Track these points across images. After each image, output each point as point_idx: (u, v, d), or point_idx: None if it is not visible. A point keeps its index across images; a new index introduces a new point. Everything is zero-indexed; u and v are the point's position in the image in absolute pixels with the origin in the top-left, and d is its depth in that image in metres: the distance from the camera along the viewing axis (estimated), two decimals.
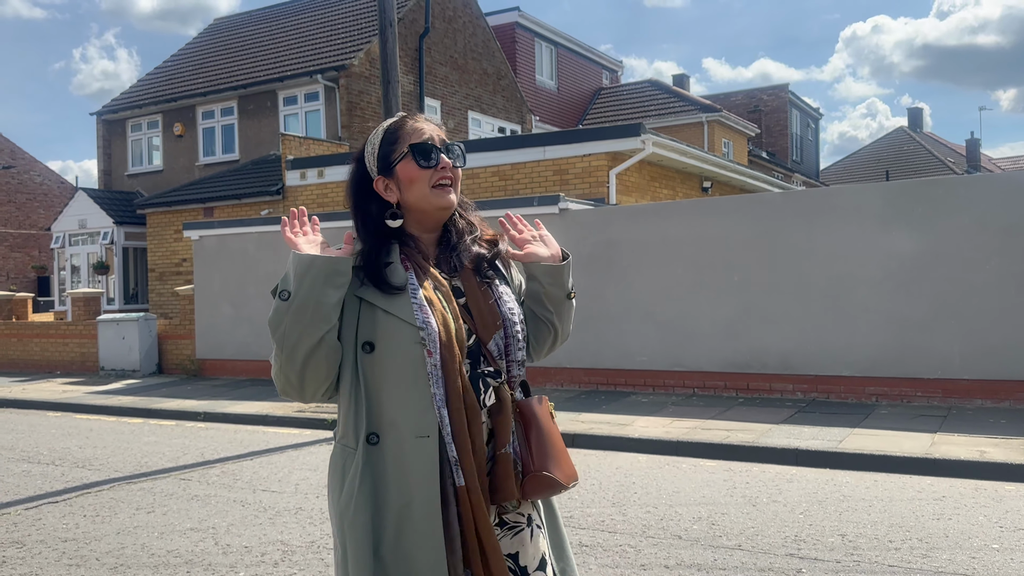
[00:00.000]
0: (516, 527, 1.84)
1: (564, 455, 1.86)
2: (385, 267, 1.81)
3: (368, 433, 1.74)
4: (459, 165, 1.89)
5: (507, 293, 1.89)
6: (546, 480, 1.79)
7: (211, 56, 23.05)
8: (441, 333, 1.74)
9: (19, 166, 36.17)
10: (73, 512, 5.71)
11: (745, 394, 9.48)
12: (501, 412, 1.79)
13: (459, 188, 1.91)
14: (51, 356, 15.43)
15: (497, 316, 1.83)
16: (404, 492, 1.72)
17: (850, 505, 5.38)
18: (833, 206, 9.18)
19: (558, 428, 1.90)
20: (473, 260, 1.87)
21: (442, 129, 1.93)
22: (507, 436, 1.78)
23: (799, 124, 35.26)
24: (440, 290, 1.81)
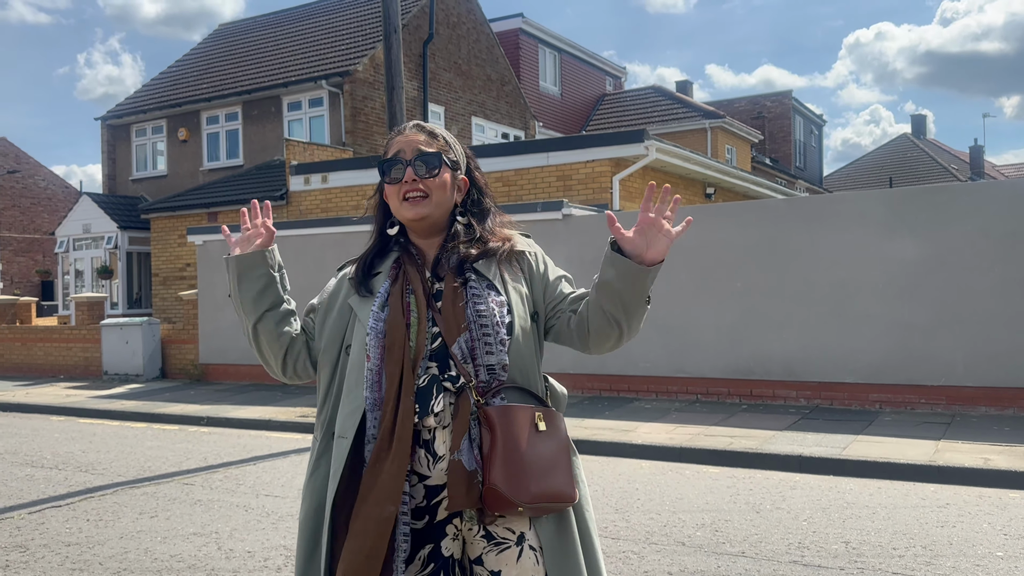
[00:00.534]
0: (503, 544, 1.79)
1: (542, 472, 1.73)
2: (367, 276, 1.95)
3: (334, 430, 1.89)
4: (430, 175, 1.89)
5: (487, 296, 1.84)
6: (498, 496, 1.71)
7: (216, 62, 23.13)
8: (392, 339, 1.81)
9: (24, 171, 36.29)
10: (76, 516, 5.71)
11: (748, 400, 9.47)
12: (457, 417, 1.77)
13: (445, 194, 1.92)
14: (55, 360, 15.46)
15: (463, 318, 1.81)
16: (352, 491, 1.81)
17: (854, 512, 5.37)
18: (837, 212, 9.18)
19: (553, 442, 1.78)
20: (458, 262, 1.90)
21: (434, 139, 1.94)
22: (457, 443, 1.75)
23: (802, 130, 35.27)
24: (416, 296, 1.86)
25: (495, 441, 1.73)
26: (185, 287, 17.68)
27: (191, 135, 21.03)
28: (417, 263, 1.93)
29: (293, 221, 14.16)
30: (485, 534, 1.81)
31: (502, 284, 1.90)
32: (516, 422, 1.75)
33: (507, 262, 1.94)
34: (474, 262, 1.89)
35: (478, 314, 1.82)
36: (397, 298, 1.86)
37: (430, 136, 1.94)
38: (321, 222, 13.05)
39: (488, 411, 1.75)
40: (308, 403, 10.63)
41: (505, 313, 1.85)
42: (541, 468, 1.74)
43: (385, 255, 1.99)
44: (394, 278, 1.91)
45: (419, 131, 1.95)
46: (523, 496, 1.70)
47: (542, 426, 1.79)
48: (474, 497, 1.73)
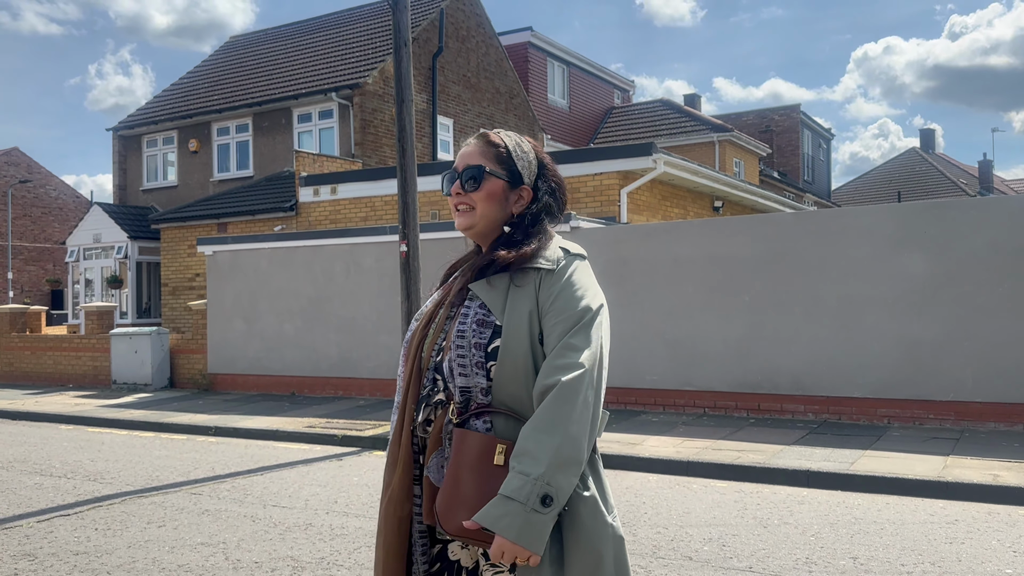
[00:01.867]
0: (496, 568, 1.79)
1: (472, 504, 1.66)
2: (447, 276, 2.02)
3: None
4: (473, 189, 1.90)
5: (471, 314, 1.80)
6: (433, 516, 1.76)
7: (227, 73, 23.29)
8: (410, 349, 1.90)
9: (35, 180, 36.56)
10: (85, 525, 5.73)
11: (756, 415, 9.44)
12: (433, 434, 1.82)
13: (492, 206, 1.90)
14: (64, 369, 15.53)
15: (451, 337, 1.84)
16: None
17: (862, 528, 5.35)
18: (845, 227, 9.17)
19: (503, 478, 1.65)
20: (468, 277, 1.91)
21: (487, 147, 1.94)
22: (427, 458, 1.82)
23: (811, 144, 35.26)
24: (443, 305, 1.92)
25: (450, 464, 1.74)
26: (194, 297, 17.75)
27: (202, 146, 21.16)
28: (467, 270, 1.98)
29: (302, 232, 14.22)
30: (484, 552, 1.79)
31: (502, 303, 1.79)
32: (469, 450, 1.71)
33: (521, 277, 1.83)
34: (472, 280, 1.87)
35: (459, 334, 1.80)
36: (435, 306, 1.94)
37: (487, 145, 1.92)
38: (330, 233, 13.10)
39: (455, 433, 1.76)
40: (315, 414, 10.65)
41: (487, 335, 1.77)
42: (481, 502, 1.65)
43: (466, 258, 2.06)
44: (451, 285, 1.97)
45: (478, 141, 1.95)
46: (449, 524, 1.70)
47: (498, 459, 1.69)
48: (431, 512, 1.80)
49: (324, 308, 12.47)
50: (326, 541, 5.24)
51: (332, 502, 6.29)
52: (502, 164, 1.91)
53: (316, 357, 12.58)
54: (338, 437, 9.06)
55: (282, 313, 12.99)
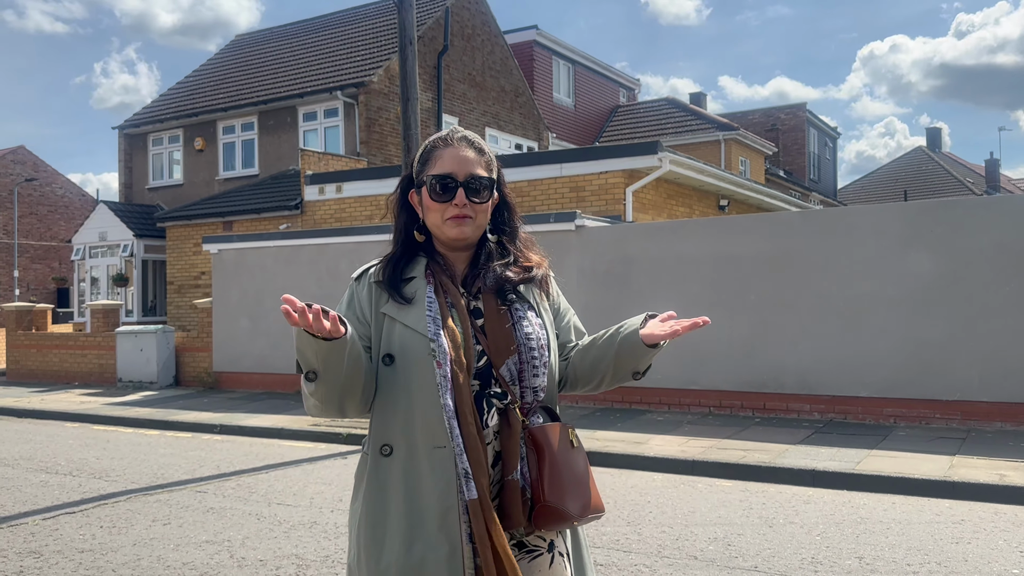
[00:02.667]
0: (535, 551, 1.81)
1: (583, 486, 1.81)
2: (403, 281, 1.86)
3: (381, 444, 1.79)
4: (479, 200, 1.85)
5: (530, 318, 1.86)
6: (555, 512, 1.75)
7: (232, 72, 23.32)
8: (449, 348, 1.75)
9: (41, 179, 36.67)
10: (90, 523, 5.74)
11: (762, 414, 9.42)
12: (510, 437, 1.77)
13: (486, 216, 1.89)
14: (69, 367, 15.57)
15: (512, 340, 1.81)
16: (414, 502, 1.74)
17: (867, 527, 5.33)
18: (851, 225, 9.14)
19: (582, 456, 1.85)
20: (497, 283, 1.87)
21: (482, 157, 1.89)
22: (514, 462, 1.76)
23: (817, 143, 35.19)
24: (456, 308, 1.82)
25: (543, 461, 1.77)
26: (200, 295, 17.78)
27: (207, 145, 21.20)
28: (448, 274, 1.88)
29: (308, 231, 14.23)
30: (517, 543, 1.82)
31: (538, 308, 1.92)
32: (558, 441, 1.81)
33: (541, 287, 1.97)
34: (516, 286, 1.89)
35: (527, 337, 1.83)
36: (443, 308, 1.81)
37: (478, 154, 1.88)
38: (335, 231, 13.11)
39: (534, 431, 1.79)
40: None
41: (546, 336, 1.88)
42: (581, 483, 1.81)
43: (411, 260, 1.91)
44: (434, 287, 1.85)
45: (469, 147, 1.88)
46: (574, 510, 1.77)
47: (575, 442, 1.86)
48: (526, 515, 1.77)
49: (330, 306, 12.35)
50: (331, 539, 5.24)
51: (337, 500, 6.30)
52: (489, 172, 1.89)
53: None
54: (343, 435, 9.06)
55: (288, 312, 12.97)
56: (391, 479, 1.77)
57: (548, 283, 1.98)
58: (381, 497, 1.78)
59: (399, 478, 1.76)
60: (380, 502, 1.78)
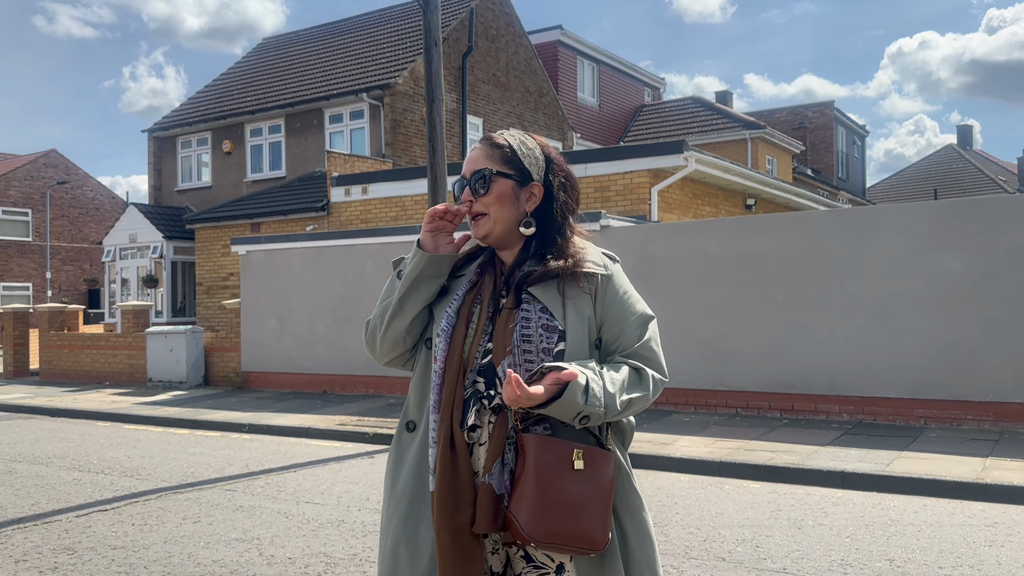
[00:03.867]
0: (541, 569, 1.79)
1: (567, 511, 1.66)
2: (454, 277, 1.96)
3: (408, 420, 1.93)
4: (484, 192, 1.86)
5: (535, 320, 1.79)
6: (511, 524, 1.68)
7: (259, 75, 23.54)
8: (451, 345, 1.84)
9: (72, 182, 37.21)
10: (122, 520, 5.83)
11: (790, 415, 9.35)
12: (492, 439, 1.75)
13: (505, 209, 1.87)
14: (101, 367, 15.80)
15: (509, 341, 1.79)
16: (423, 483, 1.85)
17: (898, 530, 5.28)
18: (880, 224, 9.04)
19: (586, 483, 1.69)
20: (520, 280, 1.87)
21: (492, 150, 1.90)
22: (489, 465, 1.73)
23: (845, 141, 34.84)
24: (481, 307, 1.86)
25: (524, 470, 1.69)
26: (228, 296, 17.96)
27: (235, 147, 21.41)
28: (494, 273, 1.92)
29: (334, 232, 14.33)
30: (525, 555, 1.80)
31: (561, 308, 1.81)
32: (549, 455, 1.69)
33: (569, 283, 1.84)
34: (532, 284, 1.83)
35: (524, 339, 1.78)
36: (467, 306, 1.87)
37: (492, 148, 1.90)
38: (361, 232, 13.19)
39: (524, 438, 1.71)
40: (346, 412, 10.72)
41: (553, 338, 1.78)
42: (565, 507, 1.66)
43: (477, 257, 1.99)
44: (472, 284, 1.92)
45: (482, 145, 1.92)
46: (536, 532, 1.65)
47: (578, 464, 1.70)
48: (499, 521, 1.71)
49: (355, 307, 12.55)
50: (358, 538, 5.27)
51: (364, 499, 6.34)
52: (508, 164, 1.88)
53: (347, 355, 12.67)
54: (369, 435, 9.12)
55: (314, 312, 13.10)
56: (409, 454, 1.90)
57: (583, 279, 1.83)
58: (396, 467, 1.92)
59: (415, 455, 1.88)
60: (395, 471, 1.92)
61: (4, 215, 34.87)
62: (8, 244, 34.90)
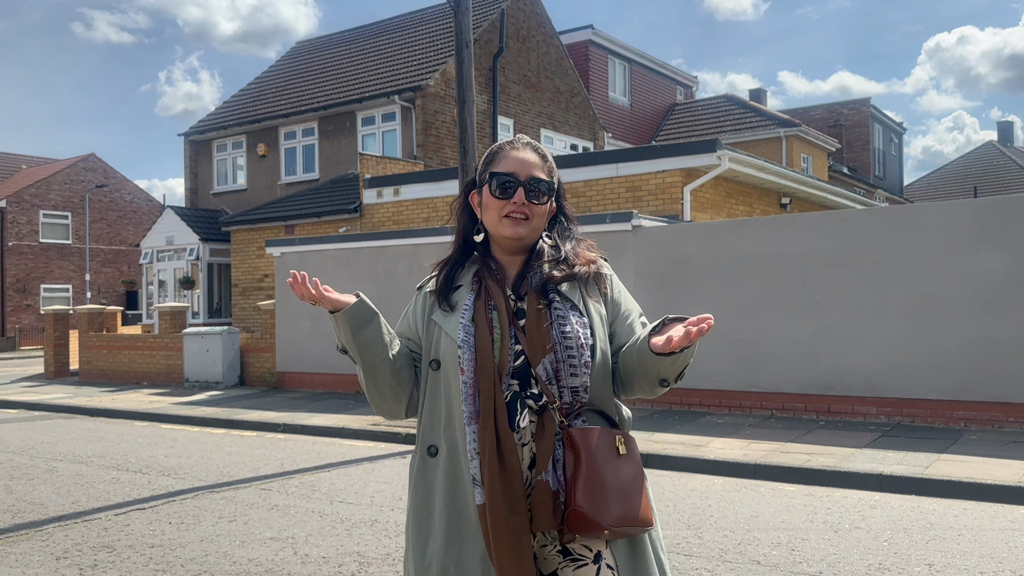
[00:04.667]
0: (580, 561, 1.80)
1: (624, 495, 1.74)
2: (450, 289, 1.94)
3: (428, 445, 1.88)
4: (538, 202, 1.91)
5: (571, 317, 1.85)
6: (584, 518, 1.71)
7: (293, 78, 23.78)
8: (476, 353, 1.82)
9: (111, 185, 37.89)
10: (159, 519, 5.91)
11: (826, 417, 9.23)
12: (542, 438, 1.77)
13: (543, 220, 1.94)
14: (139, 367, 16.05)
15: (548, 340, 1.81)
16: (455, 502, 1.81)
17: (937, 534, 5.18)
18: (918, 223, 8.89)
19: (631, 465, 1.79)
20: (541, 282, 1.89)
21: (544, 163, 1.95)
22: (544, 463, 1.76)
23: (881, 139, 34.32)
24: (497, 310, 1.86)
25: (579, 463, 1.74)
26: (263, 297, 18.16)
27: (269, 150, 21.65)
28: (496, 278, 1.93)
29: (366, 233, 14.42)
30: (562, 550, 1.82)
31: (584, 306, 1.89)
32: (599, 445, 1.76)
33: (591, 285, 1.93)
34: (559, 284, 1.88)
35: (563, 335, 1.82)
36: (481, 313, 1.86)
37: (542, 159, 1.95)
38: (393, 234, 13.26)
39: (572, 433, 1.76)
40: None
41: (589, 335, 1.85)
42: (623, 491, 1.75)
43: (465, 267, 1.99)
44: (477, 292, 1.91)
45: (533, 151, 1.95)
46: (607, 519, 1.71)
47: (622, 449, 1.80)
48: (558, 517, 1.74)
49: (387, 308, 12.49)
50: (392, 537, 5.30)
51: (397, 499, 6.37)
52: (551, 178, 1.95)
53: None
54: (402, 435, 9.16)
55: None
56: (436, 478, 1.85)
57: (602, 282, 1.95)
58: (428, 495, 1.86)
59: (443, 478, 1.84)
60: (426, 500, 1.86)
61: (45, 218, 35.61)
62: (49, 247, 35.63)
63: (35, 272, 35.08)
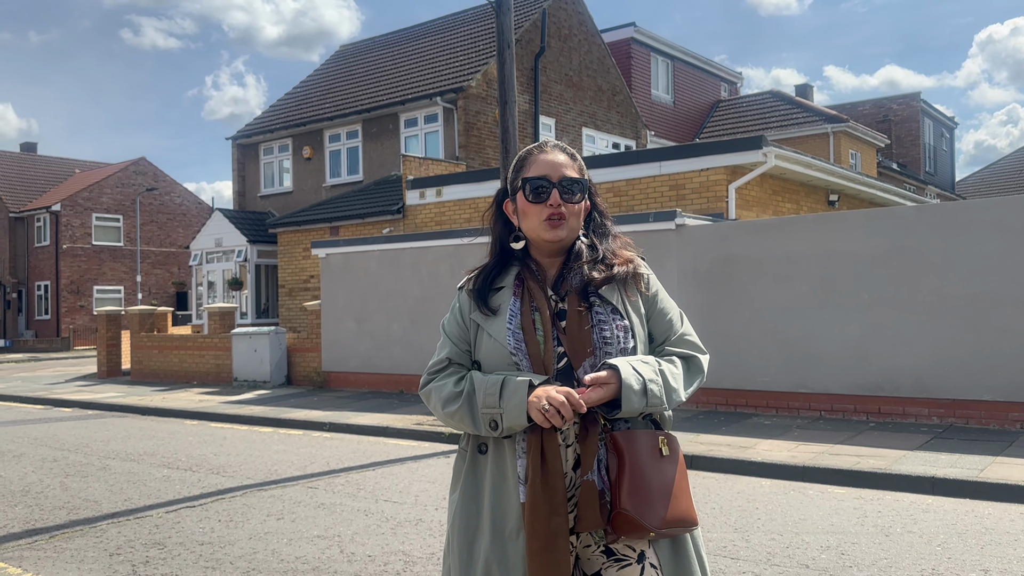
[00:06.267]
0: (624, 561, 1.81)
1: (668, 496, 1.76)
2: (491, 291, 1.95)
3: (479, 443, 1.90)
4: (573, 202, 1.92)
5: (612, 321, 1.86)
6: (630, 520, 1.72)
7: (337, 82, 24.05)
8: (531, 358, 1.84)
9: (160, 188, 38.73)
10: (209, 516, 6.02)
11: (876, 418, 9.04)
12: (586, 439, 1.79)
13: (579, 220, 1.96)
14: (188, 367, 16.37)
15: (589, 342, 1.83)
16: (501, 499, 1.83)
17: (993, 539, 5.04)
18: (971, 220, 8.67)
19: (673, 466, 1.80)
20: (581, 284, 1.90)
21: (574, 162, 1.97)
22: (589, 463, 1.77)
23: (932, 134, 33.55)
24: (540, 314, 1.87)
25: (623, 466, 1.75)
26: (309, 298, 18.39)
27: (314, 153, 21.93)
28: (538, 280, 1.94)
29: (409, 234, 14.52)
30: (605, 550, 1.82)
31: (624, 308, 1.91)
32: (643, 447, 1.78)
33: (629, 285, 1.94)
34: (599, 287, 1.90)
35: (604, 340, 1.84)
36: (527, 317, 1.87)
37: (571, 159, 1.97)
38: (436, 235, 13.33)
39: (616, 436, 1.78)
40: (422, 411, 10.84)
41: (629, 339, 1.86)
42: (667, 493, 1.77)
43: (504, 270, 1.99)
44: (520, 295, 1.92)
45: (562, 152, 1.97)
46: (654, 521, 1.72)
47: (665, 451, 1.82)
48: (604, 516, 1.75)
49: (430, 308, 12.69)
50: (436, 536, 5.32)
51: (440, 498, 6.39)
52: (582, 176, 1.98)
53: (423, 356, 12.81)
54: (445, 435, 9.20)
55: (390, 313, 13.30)
56: (485, 476, 1.87)
57: (640, 281, 1.96)
58: (476, 492, 1.88)
59: (491, 476, 1.86)
60: (475, 497, 1.88)
61: (98, 221, 36.52)
62: (101, 249, 36.53)
63: (88, 274, 36.00)
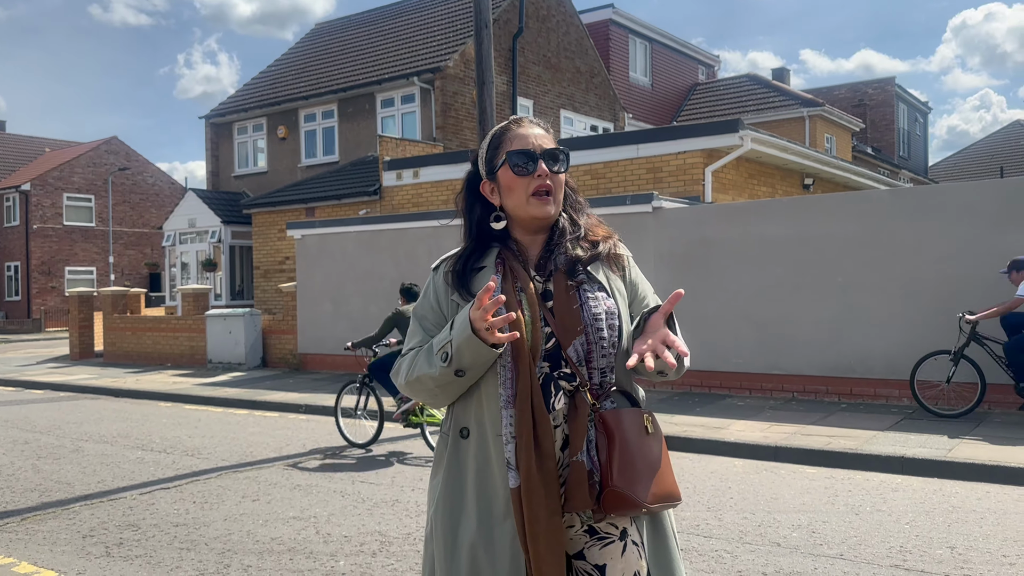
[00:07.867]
0: (606, 539, 1.81)
1: (655, 473, 1.77)
2: (472, 272, 1.90)
3: (460, 427, 1.87)
4: (560, 171, 1.89)
5: (599, 298, 1.84)
6: (623, 497, 1.72)
7: (312, 60, 23.77)
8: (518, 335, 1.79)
9: (133, 168, 38.16)
10: (183, 498, 5.99)
11: (848, 399, 9.17)
12: (575, 419, 1.78)
13: (561, 193, 1.92)
14: (162, 349, 16.23)
15: (578, 321, 1.81)
16: (486, 484, 1.81)
17: (959, 516, 5.14)
18: (943, 204, 8.78)
19: (658, 443, 1.81)
20: (567, 263, 1.87)
21: (549, 134, 1.94)
22: (579, 444, 1.76)
23: (906, 118, 33.84)
24: (525, 293, 1.84)
25: (613, 445, 1.75)
26: (284, 280, 18.27)
27: (289, 133, 21.70)
28: (520, 260, 1.90)
29: (386, 215, 14.45)
30: (588, 529, 1.82)
31: (609, 285, 1.90)
32: (631, 426, 1.78)
33: (612, 260, 1.93)
34: (587, 264, 1.88)
35: (594, 317, 1.82)
36: (511, 296, 1.83)
37: (546, 131, 1.95)
38: (413, 216, 13.27)
39: (605, 415, 1.77)
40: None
41: (616, 317, 1.85)
42: (654, 469, 1.78)
43: (484, 251, 1.94)
44: (502, 275, 1.87)
45: (537, 126, 1.94)
46: (644, 497, 1.74)
47: (650, 428, 1.82)
48: (593, 497, 1.75)
49: None
50: (412, 517, 5.34)
51: (417, 479, 6.41)
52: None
53: None
54: None
55: (367, 295, 13.25)
56: (468, 460, 1.84)
57: (620, 259, 1.95)
58: (459, 477, 1.85)
59: (474, 460, 1.83)
60: (458, 482, 1.85)
61: (69, 201, 35.96)
62: (73, 229, 36.00)
63: (59, 255, 35.49)
